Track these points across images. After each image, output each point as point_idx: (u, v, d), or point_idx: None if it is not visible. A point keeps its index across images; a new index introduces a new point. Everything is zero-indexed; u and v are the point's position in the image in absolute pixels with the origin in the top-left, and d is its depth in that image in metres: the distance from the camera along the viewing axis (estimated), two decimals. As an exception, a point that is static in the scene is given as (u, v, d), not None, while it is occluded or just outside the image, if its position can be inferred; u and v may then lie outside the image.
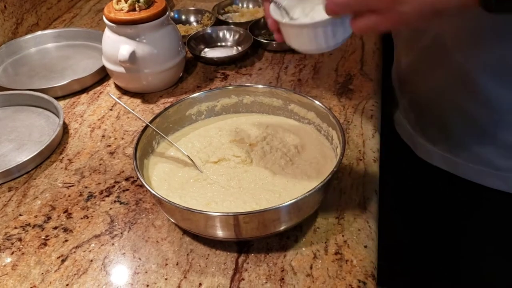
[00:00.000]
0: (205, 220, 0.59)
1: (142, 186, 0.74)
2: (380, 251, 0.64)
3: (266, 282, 0.59)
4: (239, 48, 1.08)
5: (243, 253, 0.62)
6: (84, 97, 0.96)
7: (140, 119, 0.73)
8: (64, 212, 0.70)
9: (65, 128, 0.87)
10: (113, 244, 0.65)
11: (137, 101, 0.94)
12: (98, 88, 0.99)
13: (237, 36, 1.10)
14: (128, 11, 0.87)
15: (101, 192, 0.73)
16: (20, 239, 0.67)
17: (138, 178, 0.72)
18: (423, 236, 1.04)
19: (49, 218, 0.70)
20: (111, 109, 0.92)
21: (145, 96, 0.95)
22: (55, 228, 0.68)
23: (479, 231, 0.87)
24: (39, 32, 1.14)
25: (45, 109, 0.92)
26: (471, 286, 0.96)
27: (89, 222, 0.69)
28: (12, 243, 0.66)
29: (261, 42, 1.07)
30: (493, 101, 0.71)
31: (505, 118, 0.72)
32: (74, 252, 0.64)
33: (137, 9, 0.87)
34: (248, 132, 0.75)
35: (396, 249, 1.16)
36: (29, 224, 0.69)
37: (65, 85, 0.94)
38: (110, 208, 0.70)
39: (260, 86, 0.78)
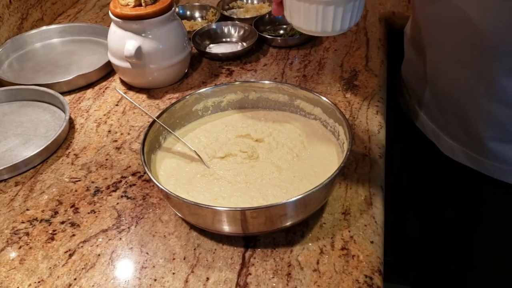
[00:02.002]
0: (213, 215, 0.59)
1: (148, 181, 0.74)
2: (389, 247, 0.64)
3: (273, 277, 0.59)
4: (244, 44, 1.08)
5: (250, 248, 0.63)
6: (89, 92, 0.96)
7: (147, 114, 0.73)
8: (71, 207, 0.71)
9: (71, 123, 0.87)
10: (120, 238, 0.65)
11: (143, 96, 0.94)
12: (104, 83, 0.99)
13: (242, 32, 1.10)
14: (134, 6, 0.87)
15: (108, 187, 0.74)
16: (27, 234, 0.67)
17: (145, 173, 0.73)
18: (436, 231, 1.04)
19: (56, 212, 0.70)
20: (117, 104, 0.92)
21: (150, 91, 0.95)
22: (62, 222, 0.68)
23: (498, 228, 0.87)
24: (44, 27, 1.14)
25: (51, 104, 0.92)
26: (483, 284, 0.96)
27: (96, 217, 0.69)
28: (20, 238, 0.67)
29: (266, 38, 1.07)
30: None
31: None
32: (82, 246, 0.65)
33: (143, 4, 0.87)
34: (254, 128, 0.76)
35: (407, 244, 1.16)
36: (36, 219, 0.69)
37: (70, 80, 0.95)
38: (117, 203, 0.71)
39: (266, 82, 0.79)
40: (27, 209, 0.71)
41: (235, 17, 1.16)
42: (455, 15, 0.71)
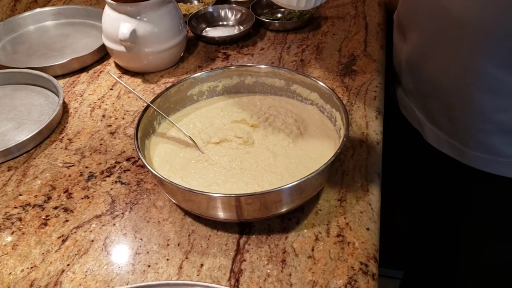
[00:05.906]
0: (207, 201, 0.59)
1: (143, 166, 0.73)
2: (381, 232, 0.64)
3: (267, 263, 0.58)
4: (241, 27, 1.07)
5: (245, 234, 0.62)
6: (84, 76, 0.95)
7: (141, 99, 0.72)
8: (65, 192, 0.70)
9: (64, 108, 0.86)
10: (114, 224, 0.65)
11: (138, 80, 0.93)
12: (98, 67, 0.97)
13: (239, 15, 1.08)
14: (129, -12, 0.86)
15: (102, 172, 0.73)
16: (20, 219, 0.66)
17: (139, 158, 0.72)
18: (423, 220, 1.04)
19: (49, 198, 0.69)
20: (111, 89, 0.91)
21: (145, 75, 0.94)
22: (56, 208, 0.68)
23: (483, 217, 0.87)
24: (38, 10, 1.12)
25: (44, 88, 0.90)
26: (470, 270, 0.96)
27: (90, 202, 0.68)
28: (12, 223, 0.66)
29: (264, 22, 1.05)
30: (497, 88, 0.70)
31: (509, 105, 0.71)
32: (75, 232, 0.64)
33: (137, -14, 0.86)
34: (250, 113, 0.75)
35: (394, 232, 1.16)
36: (29, 204, 0.69)
37: (64, 64, 0.93)
38: (111, 189, 0.70)
39: (262, 66, 0.77)
40: (20, 194, 0.70)
41: (232, 0, 1.14)
42: (436, 2, 0.70)
